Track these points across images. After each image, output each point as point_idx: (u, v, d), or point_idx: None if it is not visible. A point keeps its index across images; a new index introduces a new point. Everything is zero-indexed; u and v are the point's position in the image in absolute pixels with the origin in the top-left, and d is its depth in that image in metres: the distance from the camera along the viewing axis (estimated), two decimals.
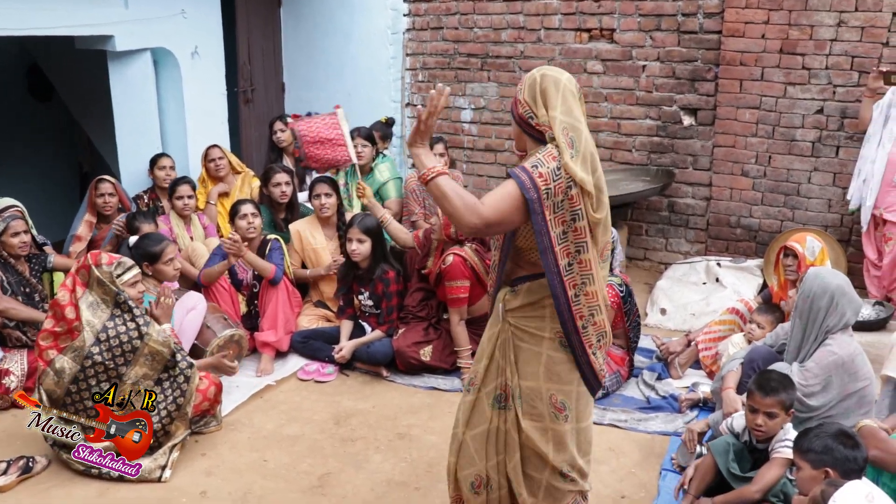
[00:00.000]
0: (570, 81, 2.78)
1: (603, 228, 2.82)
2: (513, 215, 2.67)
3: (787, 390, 3.38)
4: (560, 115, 2.70)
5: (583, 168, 2.66)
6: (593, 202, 2.72)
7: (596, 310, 2.82)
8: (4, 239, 4.89)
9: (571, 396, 2.89)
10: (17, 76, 8.29)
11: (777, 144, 6.33)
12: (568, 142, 2.66)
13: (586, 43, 6.99)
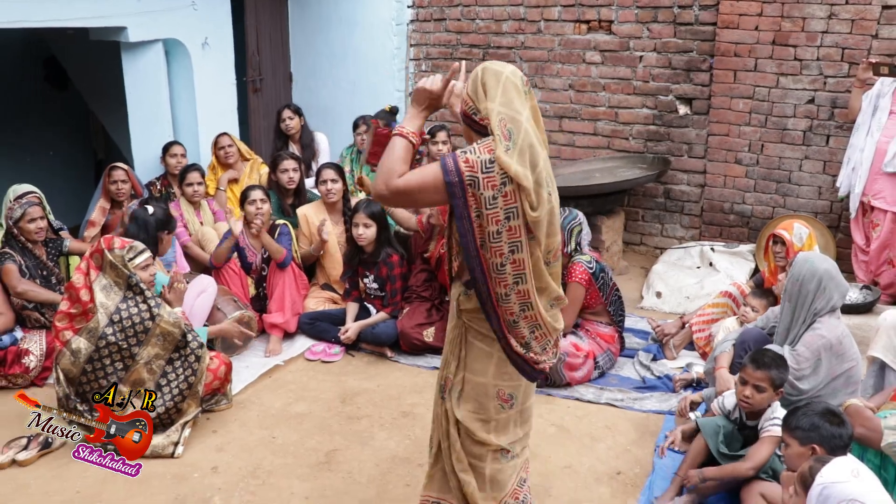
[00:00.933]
0: (513, 74, 2.65)
1: (548, 228, 2.65)
2: (424, 193, 2.61)
3: (778, 368, 3.49)
4: (498, 107, 2.58)
5: (519, 161, 2.53)
6: (531, 198, 2.56)
7: (527, 305, 2.68)
8: (22, 225, 4.97)
9: (520, 389, 2.86)
10: (34, 66, 8.35)
11: (769, 133, 6.42)
12: (504, 133, 2.55)
13: (585, 34, 7.08)
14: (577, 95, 7.27)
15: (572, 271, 4.80)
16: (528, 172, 2.55)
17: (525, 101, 2.64)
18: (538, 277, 2.69)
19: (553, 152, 7.47)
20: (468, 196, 2.56)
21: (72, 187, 8.31)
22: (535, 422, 4.28)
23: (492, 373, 2.81)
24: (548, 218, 2.62)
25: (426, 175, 2.60)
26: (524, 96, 2.64)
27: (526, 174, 2.54)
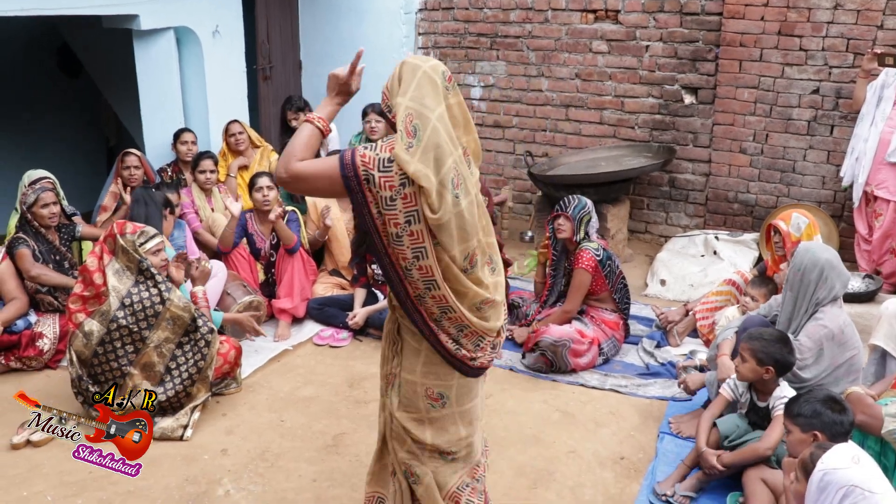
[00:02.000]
0: (433, 69, 2.50)
1: (459, 233, 2.49)
2: (320, 182, 2.51)
3: (761, 341, 3.54)
4: (407, 101, 2.44)
5: (421, 159, 2.38)
6: (431, 200, 2.40)
7: (448, 309, 2.57)
8: (35, 210, 5.02)
9: (451, 389, 2.74)
10: (48, 54, 8.39)
11: (774, 123, 6.45)
12: (409, 130, 2.41)
13: (592, 24, 7.10)
14: (583, 84, 7.30)
15: (579, 258, 4.86)
16: (429, 172, 2.39)
17: (441, 98, 2.48)
18: (454, 282, 2.55)
19: (559, 141, 7.52)
20: (365, 192, 2.45)
21: (84, 173, 8.35)
22: (540, 407, 4.39)
23: (419, 371, 2.72)
24: (456, 222, 2.46)
25: (325, 165, 2.51)
26: (443, 92, 2.49)
27: (427, 174, 2.39)
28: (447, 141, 2.44)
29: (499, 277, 2.75)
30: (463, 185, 2.47)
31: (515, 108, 7.69)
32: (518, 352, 5.05)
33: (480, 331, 2.66)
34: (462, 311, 2.57)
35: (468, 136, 2.61)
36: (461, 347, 2.66)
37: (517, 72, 7.59)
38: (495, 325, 2.72)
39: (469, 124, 2.61)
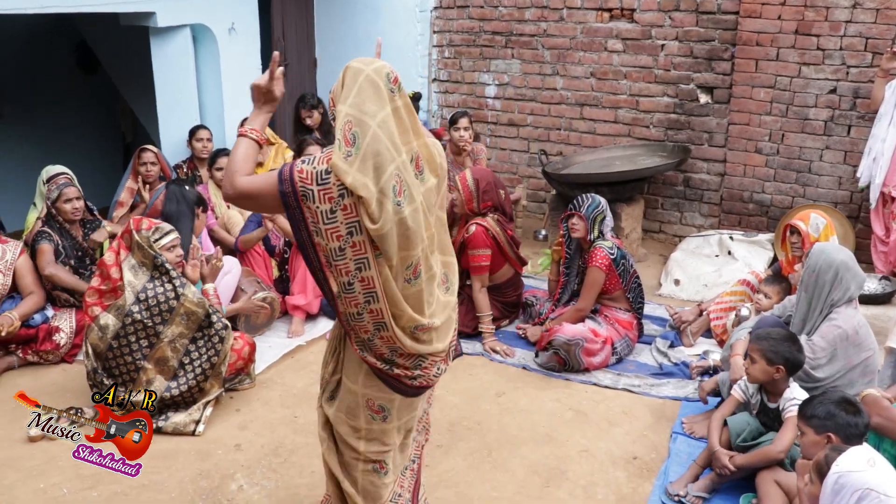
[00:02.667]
0: (376, 72, 2.42)
1: (401, 241, 2.44)
2: (264, 199, 2.47)
3: (770, 341, 3.52)
4: (347, 108, 2.38)
5: (360, 169, 2.33)
6: (370, 210, 2.35)
7: (382, 326, 2.52)
8: (59, 205, 5.06)
9: (393, 403, 2.71)
10: (66, 50, 8.45)
11: (790, 123, 6.42)
12: (348, 138, 2.35)
13: (607, 22, 7.09)
14: (598, 83, 7.29)
15: (593, 256, 4.86)
16: (368, 181, 2.34)
17: (385, 102, 2.41)
18: (391, 301, 2.49)
19: (574, 140, 7.51)
20: (303, 209, 2.40)
21: (100, 170, 8.40)
22: (553, 406, 4.40)
23: (361, 381, 2.68)
24: (399, 230, 2.41)
25: (266, 181, 2.45)
26: (387, 95, 2.41)
27: (365, 183, 2.34)
28: (389, 147, 2.37)
29: (451, 297, 2.71)
30: (407, 192, 2.41)
31: (530, 107, 7.69)
32: (531, 350, 5.06)
33: (416, 353, 2.61)
34: (395, 331, 2.52)
35: (419, 139, 2.53)
36: (394, 366, 2.61)
37: (532, 70, 7.59)
38: (437, 348, 2.65)
39: (417, 126, 2.53)
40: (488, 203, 5.18)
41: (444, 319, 2.67)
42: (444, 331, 2.69)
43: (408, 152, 2.45)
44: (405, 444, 2.89)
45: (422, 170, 2.52)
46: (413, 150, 2.49)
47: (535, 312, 5.44)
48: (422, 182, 2.50)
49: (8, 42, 7.72)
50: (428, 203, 2.53)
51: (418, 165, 2.50)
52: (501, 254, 5.25)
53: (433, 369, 2.69)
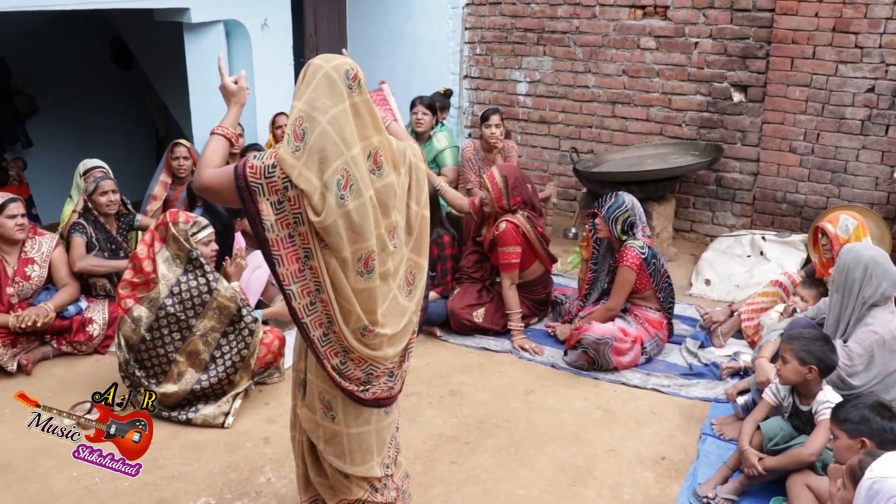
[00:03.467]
0: (335, 69, 2.48)
1: (349, 235, 2.49)
2: (225, 193, 2.57)
3: (802, 341, 3.47)
4: (301, 105, 2.47)
5: (306, 163, 2.42)
6: (313, 202, 2.44)
7: (331, 319, 2.59)
8: (95, 197, 5.14)
9: (337, 400, 2.76)
10: (101, 46, 8.56)
11: (826, 122, 6.33)
12: (297, 133, 2.44)
13: (640, 20, 7.05)
14: (630, 81, 7.25)
15: (624, 255, 4.84)
16: (311, 175, 2.43)
17: (342, 98, 2.48)
18: (339, 293, 2.55)
19: (605, 137, 7.48)
20: (256, 202, 2.50)
21: (133, 163, 8.49)
22: (582, 405, 4.39)
23: (313, 370, 2.79)
24: (344, 223, 2.47)
25: (225, 176, 2.55)
26: (345, 91, 2.48)
27: (308, 177, 2.43)
28: (337, 143, 2.44)
29: (410, 303, 2.74)
30: (354, 186, 2.46)
31: (561, 104, 7.66)
32: (560, 349, 5.04)
33: (367, 358, 2.66)
34: (342, 327, 2.58)
35: (380, 135, 2.58)
36: (345, 379, 2.68)
37: (564, 67, 7.56)
38: (386, 353, 2.68)
39: (377, 122, 2.58)
40: (518, 199, 5.17)
41: (401, 327, 2.70)
42: (399, 337, 2.72)
43: (364, 148, 2.52)
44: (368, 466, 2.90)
45: (380, 165, 2.57)
46: (372, 145, 2.54)
47: (565, 310, 5.43)
48: (379, 177, 2.56)
49: (45, 37, 7.83)
50: (385, 197, 2.58)
51: (376, 161, 2.56)
52: (531, 251, 5.23)
53: (384, 378, 2.74)
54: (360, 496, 2.92)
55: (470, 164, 6.47)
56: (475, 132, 7.88)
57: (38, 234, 4.98)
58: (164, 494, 3.61)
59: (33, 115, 8.06)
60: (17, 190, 7.18)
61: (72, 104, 8.28)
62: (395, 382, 2.80)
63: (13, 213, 4.74)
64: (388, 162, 2.59)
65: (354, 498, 2.92)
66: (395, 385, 2.80)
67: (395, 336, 2.69)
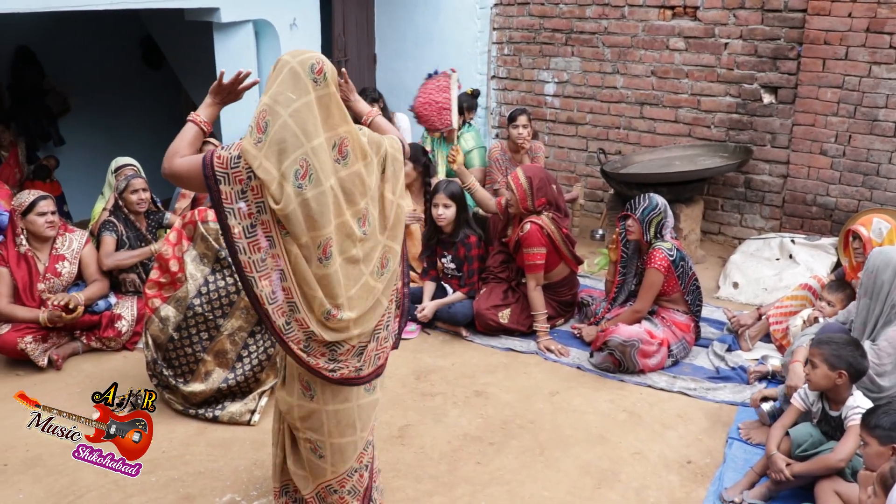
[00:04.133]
0: (301, 64, 2.59)
1: (308, 222, 2.60)
2: (192, 180, 2.68)
3: (832, 345, 3.45)
4: (266, 98, 2.57)
5: (266, 153, 2.53)
6: (271, 191, 2.55)
7: (293, 307, 2.68)
8: (126, 195, 5.20)
9: (316, 381, 2.85)
10: (132, 46, 8.65)
11: (858, 124, 6.24)
12: (260, 125, 2.55)
13: (669, 20, 7.00)
14: (659, 82, 7.21)
15: (652, 257, 4.82)
16: (270, 166, 2.54)
17: (306, 91, 2.58)
18: (301, 280, 2.67)
19: (633, 139, 7.45)
20: (221, 192, 2.59)
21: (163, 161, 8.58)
22: (607, 407, 4.38)
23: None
24: (302, 211, 2.58)
25: (193, 164, 2.65)
26: (309, 85, 2.58)
27: (267, 167, 2.54)
28: (297, 134, 2.54)
29: (379, 283, 2.82)
30: (313, 175, 2.57)
31: (589, 105, 7.63)
32: (586, 350, 5.03)
33: (330, 341, 2.74)
34: (305, 314, 2.68)
35: (347, 125, 2.67)
36: (309, 354, 2.75)
37: (592, 68, 7.53)
38: (352, 334, 2.77)
39: (344, 114, 2.67)
40: (542, 200, 5.15)
41: (367, 308, 2.79)
42: (366, 318, 2.81)
43: (329, 138, 2.62)
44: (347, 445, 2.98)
45: (346, 154, 2.67)
46: (338, 135, 2.65)
47: (591, 312, 5.41)
48: (344, 166, 2.67)
49: (77, 36, 7.93)
50: (351, 185, 2.69)
51: (342, 150, 2.66)
52: (556, 252, 5.22)
53: (351, 358, 2.82)
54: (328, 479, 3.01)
55: (497, 164, 6.47)
56: (502, 133, 7.88)
57: (69, 231, 5.05)
58: (190, 490, 3.65)
59: (65, 113, 8.16)
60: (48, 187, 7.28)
61: (103, 103, 8.37)
62: (362, 364, 2.86)
63: (43, 210, 4.81)
64: (354, 151, 2.69)
65: (328, 480, 3.01)
66: (364, 367, 2.87)
67: (361, 317, 2.78)
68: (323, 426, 2.91)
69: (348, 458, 3.00)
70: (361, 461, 3.06)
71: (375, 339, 2.89)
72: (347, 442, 2.97)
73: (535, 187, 5.14)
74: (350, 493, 3.06)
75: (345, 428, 2.94)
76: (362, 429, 2.99)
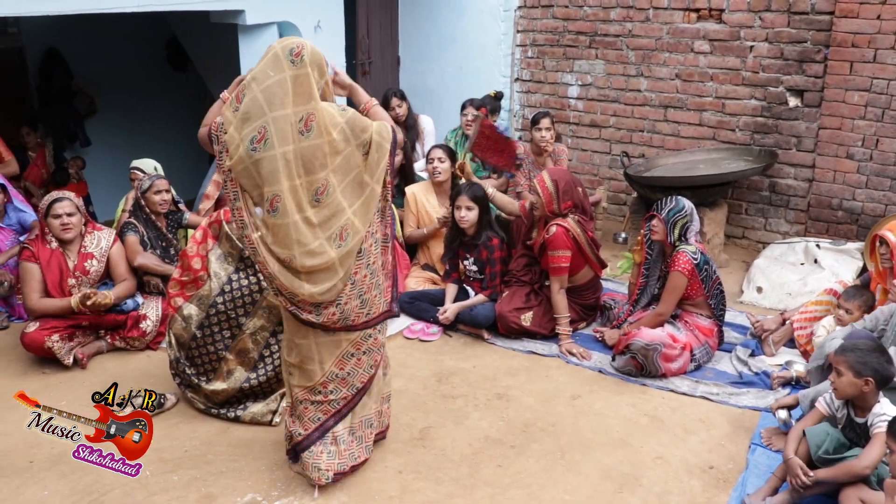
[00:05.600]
0: (283, 48, 3.11)
1: (258, 178, 3.13)
2: (207, 145, 3.34)
3: (856, 353, 3.39)
4: (249, 76, 3.15)
5: (237, 119, 3.11)
6: (230, 150, 3.14)
7: (254, 251, 3.27)
8: (148, 196, 5.26)
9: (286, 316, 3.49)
10: (157, 48, 8.76)
11: (886, 128, 6.17)
12: (239, 97, 3.14)
13: (694, 23, 6.96)
14: (683, 85, 7.17)
15: (675, 260, 4.79)
16: (234, 131, 3.12)
17: (282, 70, 3.08)
18: (270, 229, 3.21)
19: (657, 142, 7.41)
20: (215, 151, 3.26)
21: (187, 162, 8.64)
22: (629, 411, 4.36)
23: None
24: (254, 170, 3.12)
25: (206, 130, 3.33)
26: (285, 65, 3.08)
27: (232, 133, 3.13)
28: (263, 106, 3.08)
29: (332, 251, 3.26)
30: (269, 140, 3.09)
31: (613, 108, 7.61)
32: (608, 354, 5.01)
33: (285, 288, 3.29)
34: (265, 257, 3.24)
35: (314, 103, 3.14)
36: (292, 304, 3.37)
37: (616, 71, 7.51)
38: (304, 289, 3.29)
39: (313, 93, 3.14)
40: (569, 203, 5.14)
41: (320, 268, 3.26)
42: (318, 278, 3.28)
43: (296, 112, 3.10)
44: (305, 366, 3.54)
45: (310, 128, 3.14)
46: (306, 111, 3.13)
47: (614, 315, 5.38)
48: (307, 138, 3.14)
49: (104, 38, 8.01)
50: (311, 155, 3.16)
51: (307, 124, 3.14)
52: (581, 255, 5.20)
53: (312, 309, 3.35)
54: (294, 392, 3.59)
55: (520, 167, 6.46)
56: (525, 135, 7.86)
57: (97, 230, 5.10)
58: (211, 490, 3.67)
59: (92, 115, 8.25)
60: (75, 188, 7.36)
61: (128, 104, 8.46)
62: (319, 314, 3.36)
63: (58, 212, 4.85)
64: (319, 126, 3.15)
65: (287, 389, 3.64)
66: (320, 317, 3.37)
67: (313, 275, 3.28)
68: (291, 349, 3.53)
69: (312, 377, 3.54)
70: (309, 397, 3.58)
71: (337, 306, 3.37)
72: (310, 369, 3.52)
73: (560, 190, 5.13)
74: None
75: (305, 358, 3.50)
76: (321, 363, 3.50)
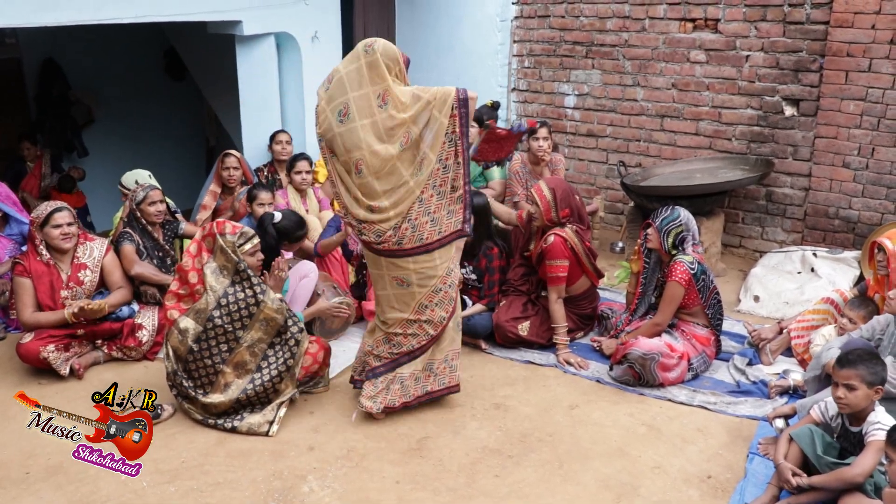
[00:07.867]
0: (361, 43, 3.90)
1: (344, 145, 3.88)
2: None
3: (865, 363, 3.38)
4: (338, 65, 3.95)
5: (325, 97, 3.91)
6: (320, 120, 3.96)
7: (337, 195, 4.14)
8: (143, 206, 5.26)
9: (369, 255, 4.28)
10: (155, 58, 8.78)
11: (882, 137, 6.18)
12: (329, 79, 3.93)
13: (690, 33, 6.98)
14: (679, 94, 7.19)
15: (673, 270, 4.79)
16: (323, 103, 3.92)
17: (358, 59, 3.83)
18: (346, 186, 4.01)
19: (653, 151, 7.43)
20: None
21: (185, 172, 8.67)
22: (626, 420, 4.37)
23: None
24: (340, 140, 3.88)
25: None
26: (361, 56, 3.83)
27: (324, 106, 3.91)
28: (345, 85, 3.84)
29: (377, 216, 3.98)
30: (351, 114, 3.83)
31: (609, 118, 7.63)
32: (605, 363, 5.01)
33: (355, 216, 4.05)
34: (353, 211, 4.03)
35: (385, 83, 3.80)
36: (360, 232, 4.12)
37: (612, 81, 7.53)
38: (388, 215, 3.96)
39: (384, 74, 3.81)
40: (566, 212, 5.15)
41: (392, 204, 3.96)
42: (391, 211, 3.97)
43: (374, 91, 3.82)
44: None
45: (386, 102, 3.82)
46: (381, 88, 3.81)
47: (611, 325, 5.38)
48: (384, 109, 3.82)
49: (101, 49, 8.03)
50: (382, 125, 3.83)
51: (384, 99, 3.81)
52: (579, 265, 5.20)
53: (371, 233, 4.04)
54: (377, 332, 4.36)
55: (517, 177, 6.47)
56: (523, 145, 7.87)
57: (89, 240, 5.08)
58: (209, 500, 3.65)
59: (89, 124, 8.26)
60: (73, 198, 7.37)
61: (126, 114, 8.47)
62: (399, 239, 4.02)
63: (58, 222, 4.84)
64: (392, 101, 3.80)
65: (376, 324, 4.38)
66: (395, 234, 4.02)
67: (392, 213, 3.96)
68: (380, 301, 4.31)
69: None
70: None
71: (408, 220, 3.97)
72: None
73: (558, 199, 5.14)
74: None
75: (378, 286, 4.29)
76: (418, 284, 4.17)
